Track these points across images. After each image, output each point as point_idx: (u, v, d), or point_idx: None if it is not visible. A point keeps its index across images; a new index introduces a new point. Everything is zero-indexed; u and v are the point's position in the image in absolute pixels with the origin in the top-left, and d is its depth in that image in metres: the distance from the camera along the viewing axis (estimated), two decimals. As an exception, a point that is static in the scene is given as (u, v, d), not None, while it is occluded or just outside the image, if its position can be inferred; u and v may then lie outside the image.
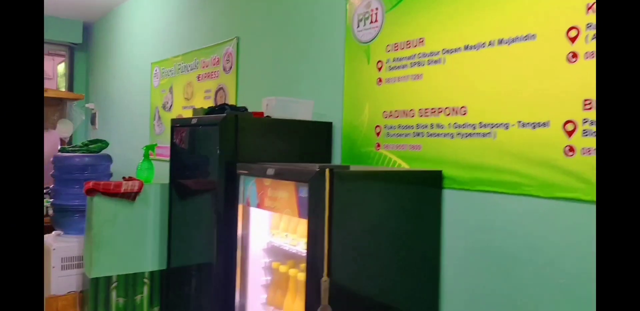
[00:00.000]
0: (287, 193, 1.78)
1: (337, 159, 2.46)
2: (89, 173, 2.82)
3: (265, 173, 1.86)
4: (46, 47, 6.44)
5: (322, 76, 2.57)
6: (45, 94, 4.22)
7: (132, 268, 2.65)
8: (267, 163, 2.05)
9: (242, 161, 2.14)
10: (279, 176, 1.80)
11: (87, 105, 5.89)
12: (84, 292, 2.62)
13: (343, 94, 2.43)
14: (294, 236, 1.96)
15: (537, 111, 1.63)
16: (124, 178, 2.73)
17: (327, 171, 1.58)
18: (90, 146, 2.87)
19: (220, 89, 3.55)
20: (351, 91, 2.38)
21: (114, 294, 2.60)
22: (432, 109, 1.98)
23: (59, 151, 2.91)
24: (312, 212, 1.61)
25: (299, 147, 2.36)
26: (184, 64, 4.06)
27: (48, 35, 5.97)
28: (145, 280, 2.70)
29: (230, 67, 3.41)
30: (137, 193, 2.58)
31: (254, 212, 2.11)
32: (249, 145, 2.20)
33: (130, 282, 2.65)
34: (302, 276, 1.91)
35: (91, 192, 2.48)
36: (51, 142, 7.01)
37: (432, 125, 1.98)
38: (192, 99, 3.91)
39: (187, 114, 3.94)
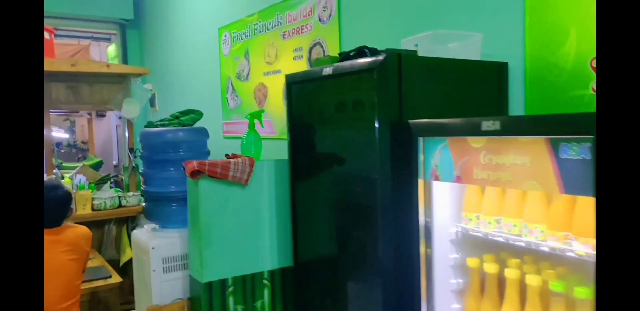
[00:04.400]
0: (529, 157, 1.15)
1: (516, 111, 1.81)
2: (184, 151, 2.26)
3: (479, 129, 1.23)
4: (95, 26, 5.97)
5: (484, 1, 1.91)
6: (108, 70, 3.72)
7: (249, 268, 2.10)
8: (437, 119, 1.42)
9: (407, 118, 1.52)
10: (514, 130, 1.16)
11: (144, 86, 5.40)
12: (193, 299, 2.10)
13: (524, 21, 1.76)
14: (514, 221, 1.33)
15: None
16: (227, 155, 2.17)
17: (629, 112, 0.94)
18: (182, 118, 2.31)
19: (315, 44, 2.92)
20: (540, 14, 1.71)
21: (230, 301, 2.06)
22: None
23: (145, 126, 2.37)
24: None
25: (462, 97, 1.73)
26: (261, 22, 3.45)
27: (95, 12, 5.49)
28: (265, 282, 2.15)
29: (330, 16, 2.77)
30: (249, 174, 2.01)
31: (439, 189, 1.50)
32: (414, 97, 1.58)
33: (248, 285, 2.11)
34: (535, 279, 1.29)
35: (196, 174, 1.93)
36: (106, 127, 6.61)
37: None
38: (277, 62, 3.30)
39: (272, 80, 3.35)
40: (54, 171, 3.83)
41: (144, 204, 2.40)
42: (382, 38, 2.35)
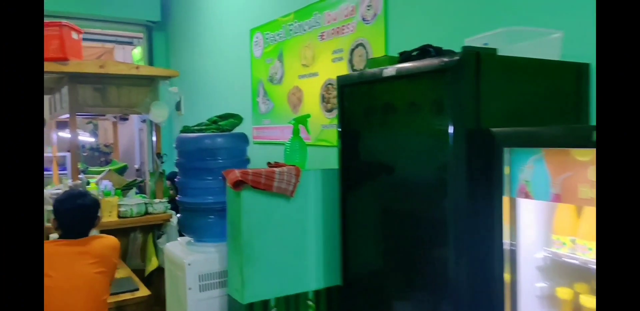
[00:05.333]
0: (661, 173, 0.95)
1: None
2: (223, 158, 2.09)
3: (589, 140, 1.04)
4: (121, 28, 5.88)
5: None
6: (137, 72, 3.59)
7: (293, 288, 1.92)
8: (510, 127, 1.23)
9: (485, 124, 1.34)
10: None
11: (170, 89, 5.28)
12: (231, 321, 1.93)
13: (610, 18, 1.56)
14: (623, 248, 1.13)
15: None
16: (269, 164, 2.00)
17: None
18: (220, 123, 2.15)
19: (358, 45, 2.75)
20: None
21: (272, 323, 1.88)
22: None
23: (181, 131, 2.21)
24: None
25: (539, 102, 1.54)
26: (297, 23, 3.29)
27: (122, 13, 5.39)
28: (310, 303, 1.97)
29: (375, 15, 2.59)
30: (295, 184, 1.84)
31: (522, 207, 1.31)
32: (491, 101, 1.39)
33: (292, 306, 1.93)
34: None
35: (239, 184, 1.76)
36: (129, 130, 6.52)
37: None
38: (314, 64, 3.13)
39: (308, 83, 3.18)
40: (80, 176, 3.71)
41: (178, 215, 2.24)
42: (437, 37, 2.16)
